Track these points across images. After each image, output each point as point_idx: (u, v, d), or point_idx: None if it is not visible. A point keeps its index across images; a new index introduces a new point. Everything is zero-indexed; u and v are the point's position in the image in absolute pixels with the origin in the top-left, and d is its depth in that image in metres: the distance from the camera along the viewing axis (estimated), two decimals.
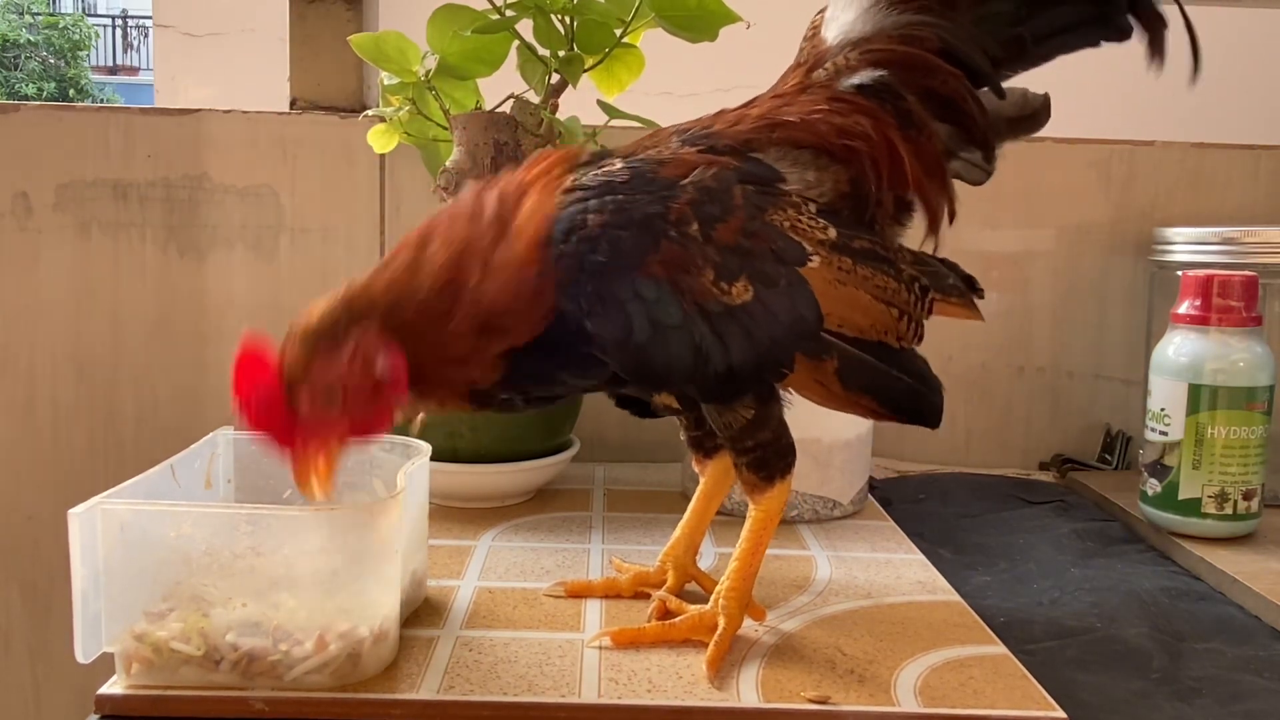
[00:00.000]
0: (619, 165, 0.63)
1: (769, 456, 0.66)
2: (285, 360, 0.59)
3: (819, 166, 0.66)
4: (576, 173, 0.63)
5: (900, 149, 0.67)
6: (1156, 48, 0.69)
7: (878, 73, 0.68)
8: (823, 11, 0.72)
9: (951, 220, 0.70)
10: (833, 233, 0.64)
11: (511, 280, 0.60)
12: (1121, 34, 0.69)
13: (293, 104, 1.16)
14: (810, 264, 0.62)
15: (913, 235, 0.70)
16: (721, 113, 0.69)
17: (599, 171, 0.63)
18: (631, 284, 0.60)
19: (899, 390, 0.65)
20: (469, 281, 0.60)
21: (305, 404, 0.58)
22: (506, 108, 0.91)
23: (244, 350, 0.59)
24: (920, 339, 0.66)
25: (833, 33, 0.70)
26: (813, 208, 0.64)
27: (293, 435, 0.59)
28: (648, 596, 0.73)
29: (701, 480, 0.76)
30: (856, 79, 0.68)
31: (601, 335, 0.60)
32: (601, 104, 0.92)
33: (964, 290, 0.69)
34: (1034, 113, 0.72)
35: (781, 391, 0.66)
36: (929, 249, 0.70)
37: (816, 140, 0.66)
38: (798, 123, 0.66)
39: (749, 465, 0.66)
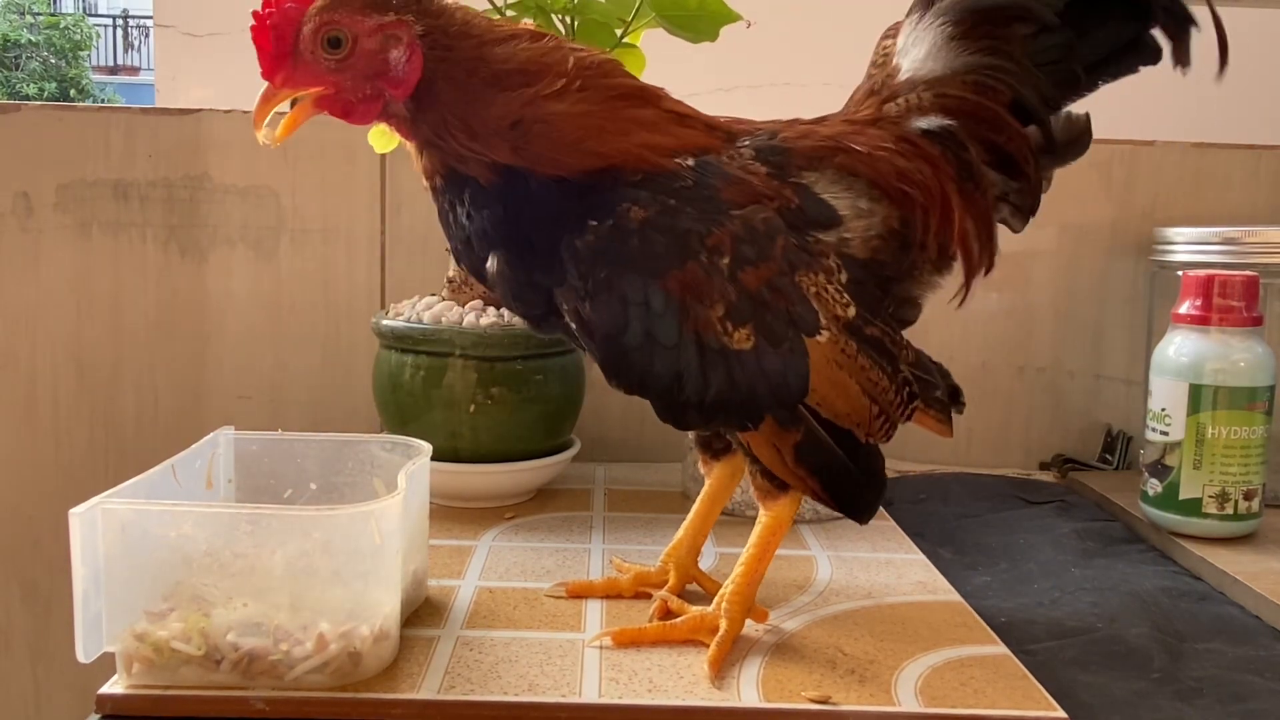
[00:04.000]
0: (692, 163, 0.63)
1: None
2: None
3: (872, 198, 0.66)
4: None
5: (953, 202, 0.67)
6: (1182, 50, 0.69)
7: (947, 121, 0.68)
8: (892, 37, 0.72)
9: (988, 273, 0.70)
10: (852, 311, 0.64)
11: (580, 125, 0.60)
12: (1155, 55, 0.69)
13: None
14: (819, 338, 0.62)
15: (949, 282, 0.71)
16: (793, 123, 0.69)
17: (696, 161, 0.63)
18: (644, 288, 0.60)
19: (845, 481, 0.65)
20: (544, 87, 0.60)
21: (309, 42, 0.59)
22: None
23: None
24: (889, 440, 0.66)
25: (905, 65, 0.70)
26: (844, 277, 0.64)
27: (281, 67, 0.59)
28: (648, 597, 0.73)
29: (707, 481, 0.76)
30: (925, 123, 0.68)
31: (592, 322, 0.60)
32: None
33: (946, 405, 0.69)
34: (1079, 135, 0.72)
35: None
36: (959, 299, 0.70)
37: (876, 177, 0.66)
38: (863, 154, 0.66)
39: (764, 473, 0.66)
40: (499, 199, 0.62)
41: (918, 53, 0.70)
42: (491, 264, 0.64)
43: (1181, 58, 0.69)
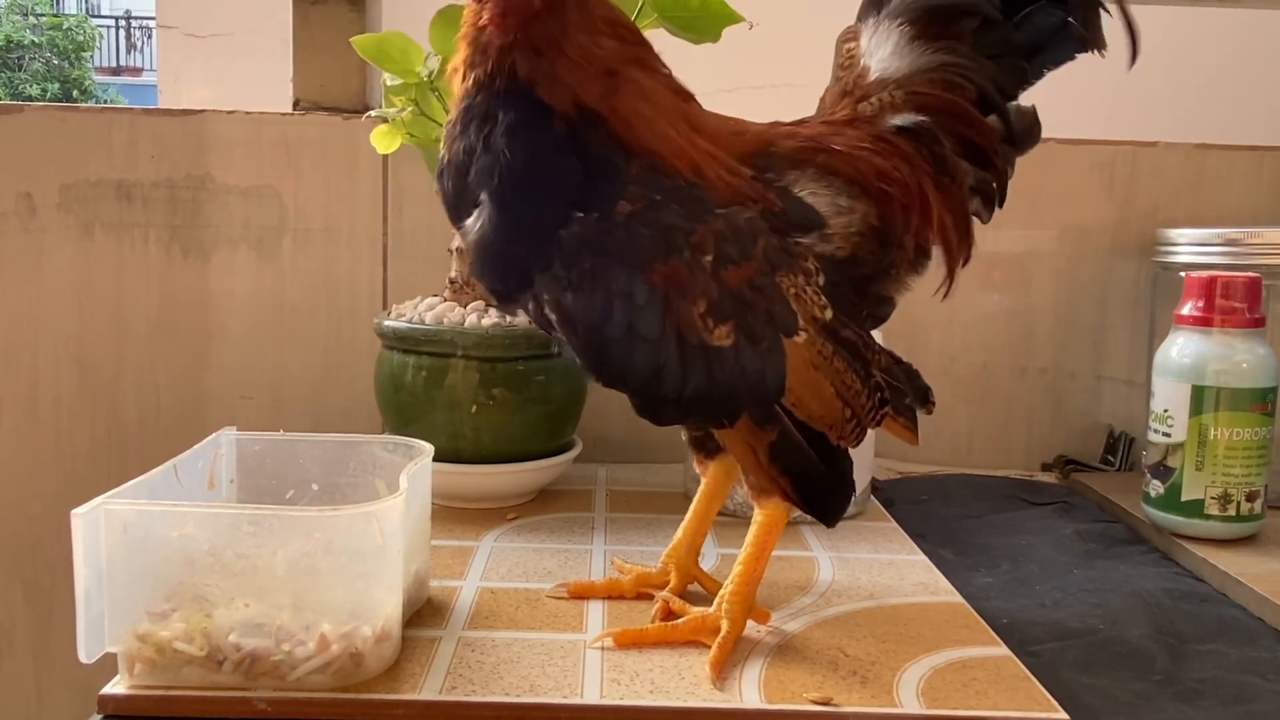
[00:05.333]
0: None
1: None
2: None
3: (852, 195, 0.67)
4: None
5: (931, 197, 0.69)
6: (1095, 35, 0.71)
7: (920, 117, 0.70)
8: (853, 41, 0.74)
9: (966, 264, 0.72)
10: (829, 314, 0.64)
11: (658, 104, 0.63)
12: (1083, 42, 0.71)
13: (296, 105, 1.16)
14: (797, 338, 0.63)
15: (928, 277, 0.72)
16: (776, 124, 0.70)
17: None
18: (629, 281, 0.60)
19: (816, 483, 0.66)
20: (645, 54, 0.64)
21: None
22: None
23: None
24: (858, 444, 0.67)
25: (873, 65, 0.72)
26: (821, 280, 0.65)
27: None
28: (650, 598, 0.73)
29: (703, 481, 0.76)
30: (900, 120, 0.70)
31: (575, 313, 0.61)
32: None
33: (914, 413, 0.69)
34: (1030, 126, 0.73)
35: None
36: (943, 292, 0.72)
37: (855, 174, 0.67)
38: (843, 153, 0.68)
39: None
40: (534, 136, 0.61)
41: (883, 53, 0.72)
42: (476, 219, 0.63)
43: (1096, 41, 0.71)
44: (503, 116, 0.62)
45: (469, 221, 0.63)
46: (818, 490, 0.66)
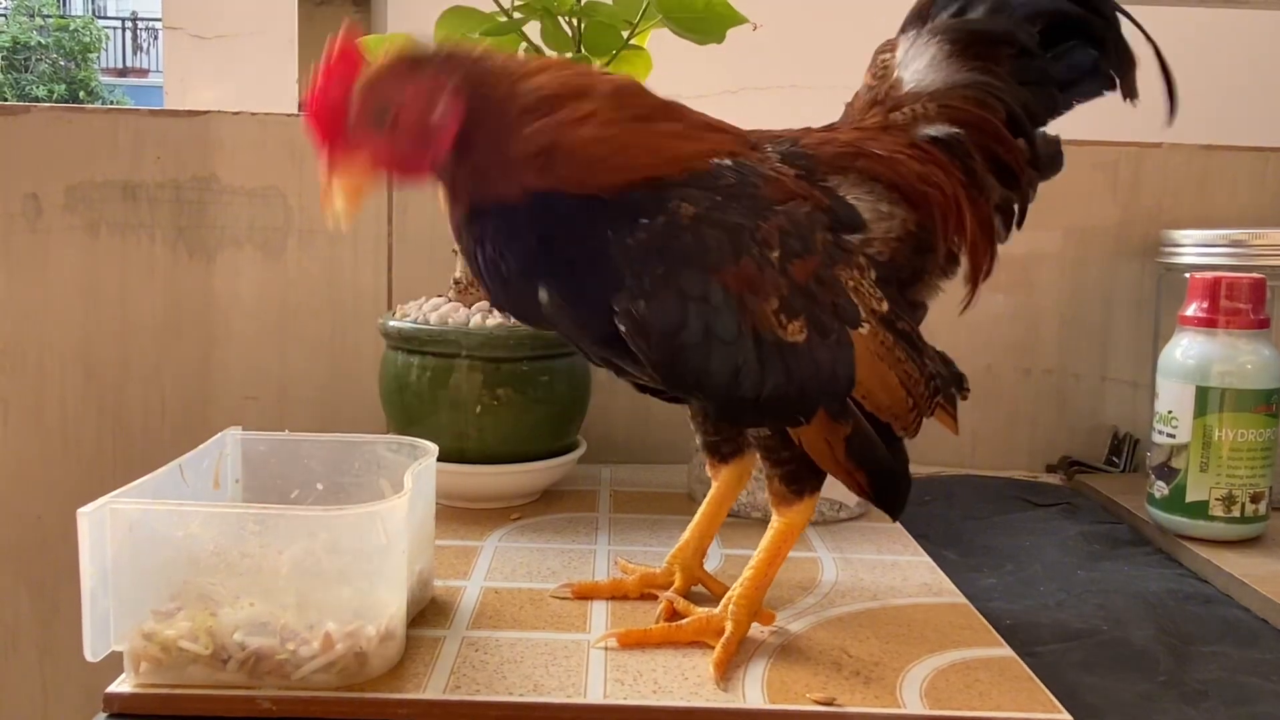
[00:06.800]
0: (730, 163, 0.63)
1: (803, 472, 0.66)
2: (369, 65, 0.60)
3: (892, 201, 0.68)
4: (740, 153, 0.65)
5: (964, 206, 0.70)
6: (1129, 85, 0.73)
7: (954, 129, 0.70)
8: (889, 52, 0.75)
9: (987, 277, 0.73)
10: (885, 306, 0.65)
11: (607, 145, 0.60)
12: (1111, 82, 0.74)
13: (301, 106, 1.17)
14: (861, 330, 0.63)
15: (951, 287, 0.73)
16: (807, 130, 0.71)
17: (734, 161, 0.63)
18: (704, 284, 0.60)
19: (888, 475, 0.66)
20: (569, 113, 0.60)
21: (358, 119, 0.59)
22: None
23: (343, 42, 0.60)
24: (917, 434, 0.67)
25: (907, 77, 0.73)
26: (873, 274, 0.65)
27: (337, 147, 0.59)
28: (654, 598, 0.73)
29: (714, 484, 0.76)
30: (934, 130, 0.70)
31: (648, 321, 0.60)
32: None
33: (955, 400, 0.70)
34: (1054, 153, 0.75)
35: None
36: (964, 304, 0.73)
37: (896, 178, 0.68)
38: (883, 157, 0.68)
39: (782, 478, 0.67)
40: (531, 229, 0.61)
41: (918, 65, 0.72)
42: (544, 296, 0.63)
43: (1129, 91, 0.73)
44: (494, 245, 0.62)
45: (541, 297, 0.63)
46: (889, 483, 0.66)
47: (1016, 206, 0.74)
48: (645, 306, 0.60)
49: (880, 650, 0.67)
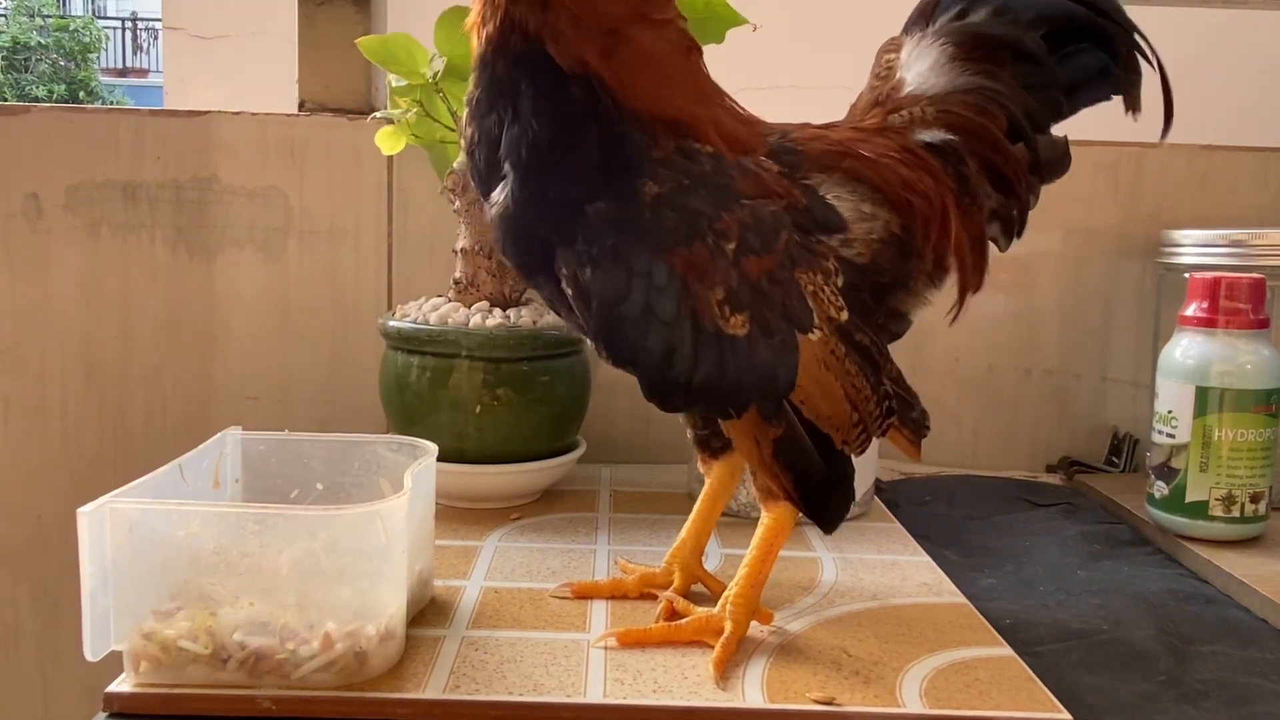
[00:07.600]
0: (710, 150, 0.63)
1: None
2: None
3: (876, 203, 0.67)
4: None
5: (951, 215, 0.69)
6: (1133, 99, 0.73)
7: (949, 135, 0.70)
8: (894, 52, 0.74)
9: (978, 290, 0.72)
10: (844, 315, 0.65)
11: (662, 66, 0.62)
12: (1120, 85, 0.73)
13: (301, 106, 1.17)
14: (811, 335, 0.63)
15: (942, 298, 0.72)
16: (803, 126, 0.70)
17: (711, 149, 0.64)
18: (649, 262, 0.60)
19: (818, 484, 0.65)
20: (650, 9, 0.62)
21: None
22: None
23: None
24: (863, 452, 0.67)
25: (909, 79, 0.72)
26: (840, 281, 0.65)
27: None
28: (654, 598, 0.73)
29: (707, 481, 0.76)
30: (929, 135, 0.70)
31: (592, 289, 0.60)
32: None
33: (920, 427, 0.69)
34: (1060, 156, 0.74)
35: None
36: (953, 314, 0.72)
37: (880, 183, 0.68)
38: (871, 159, 0.68)
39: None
40: (556, 108, 0.61)
41: (921, 67, 0.72)
42: (500, 193, 0.63)
43: (1133, 105, 0.73)
44: (525, 86, 0.61)
45: (494, 194, 0.63)
46: (819, 492, 0.66)
47: (1016, 214, 0.73)
48: (591, 274, 0.60)
49: (880, 650, 0.67)
